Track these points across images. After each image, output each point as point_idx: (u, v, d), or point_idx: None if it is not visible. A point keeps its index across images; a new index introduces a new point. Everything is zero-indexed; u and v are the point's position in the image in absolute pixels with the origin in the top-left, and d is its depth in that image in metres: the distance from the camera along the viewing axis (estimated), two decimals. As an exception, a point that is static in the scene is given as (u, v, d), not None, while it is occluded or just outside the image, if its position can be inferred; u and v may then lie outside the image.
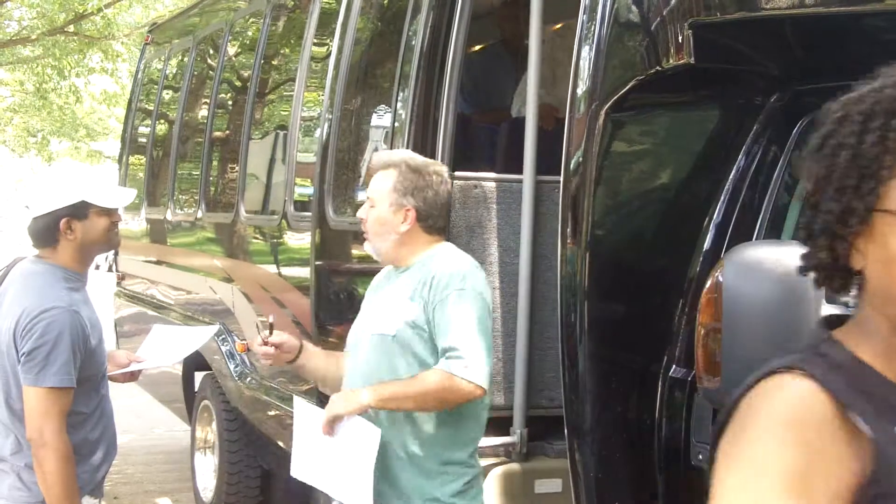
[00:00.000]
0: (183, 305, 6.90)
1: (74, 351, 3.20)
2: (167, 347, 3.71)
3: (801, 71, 2.82)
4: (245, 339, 5.43)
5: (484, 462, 3.82)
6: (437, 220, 3.21)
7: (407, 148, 3.91)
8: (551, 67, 4.64)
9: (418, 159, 3.27)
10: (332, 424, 3.10)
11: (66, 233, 3.31)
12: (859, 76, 2.73)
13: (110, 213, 3.38)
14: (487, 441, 3.82)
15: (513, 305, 3.88)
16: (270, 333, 3.28)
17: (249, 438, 5.65)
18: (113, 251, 4.84)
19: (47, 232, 3.33)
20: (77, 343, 3.21)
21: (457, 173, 3.87)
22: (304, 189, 5.03)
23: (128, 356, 3.60)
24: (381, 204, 3.21)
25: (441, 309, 3.03)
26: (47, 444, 3.14)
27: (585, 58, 2.81)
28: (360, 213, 3.29)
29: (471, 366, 2.97)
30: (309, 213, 4.78)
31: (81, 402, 3.31)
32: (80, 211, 3.32)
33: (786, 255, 1.99)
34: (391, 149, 4.11)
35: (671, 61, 2.72)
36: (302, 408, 3.29)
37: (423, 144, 3.93)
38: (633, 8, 2.82)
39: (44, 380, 3.15)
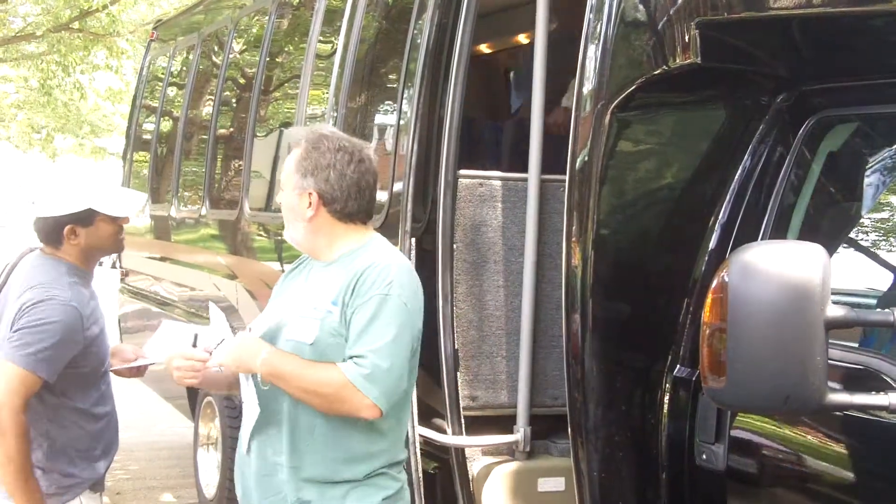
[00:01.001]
0: (186, 302, 6.91)
1: (64, 345, 3.19)
2: (174, 343, 3.72)
3: (807, 71, 2.81)
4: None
5: (487, 460, 3.83)
6: (347, 204, 2.84)
7: (412, 146, 3.90)
8: None
9: (326, 136, 2.89)
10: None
11: (70, 237, 3.31)
12: (866, 77, 2.74)
13: (117, 219, 3.38)
14: (491, 439, 3.83)
15: (517, 304, 3.88)
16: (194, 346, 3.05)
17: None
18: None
19: (52, 234, 3.33)
20: (69, 338, 3.20)
21: (462, 171, 3.87)
22: (309, 186, 5.02)
23: (134, 351, 3.60)
24: (286, 187, 2.90)
25: (359, 314, 2.72)
26: (2, 422, 3.11)
27: (591, 57, 2.81)
28: (277, 198, 3.01)
29: (373, 381, 2.68)
30: (313, 211, 4.77)
31: (79, 398, 3.31)
32: (86, 218, 3.30)
33: (792, 255, 1.99)
34: (395, 148, 4.10)
35: (677, 61, 2.72)
36: (216, 317, 3.06)
37: (429, 142, 3.93)
38: (640, 7, 2.82)
39: (19, 358, 3.14)
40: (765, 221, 2.76)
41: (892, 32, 2.56)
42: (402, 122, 4.07)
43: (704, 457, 2.65)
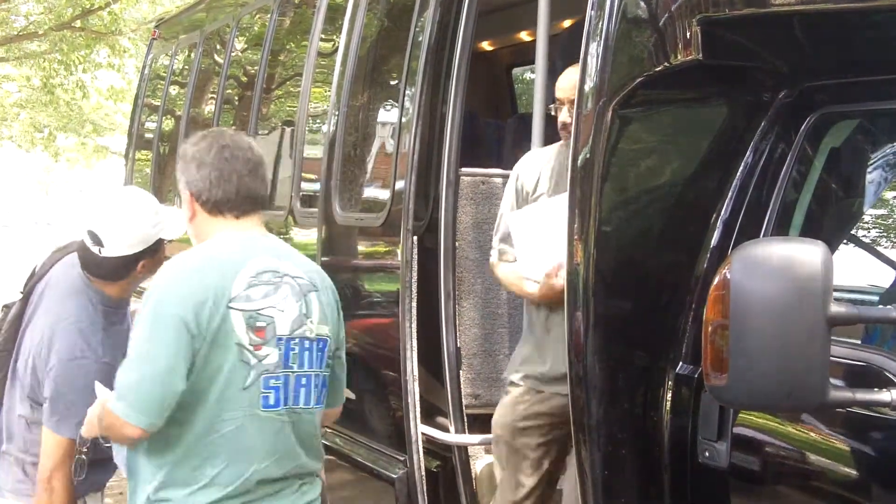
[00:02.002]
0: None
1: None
2: None
3: (809, 67, 2.81)
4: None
5: (490, 458, 3.83)
6: (212, 192, 2.68)
7: (414, 144, 3.90)
8: None
9: (196, 135, 2.80)
10: None
11: (140, 271, 3.24)
12: (868, 73, 2.73)
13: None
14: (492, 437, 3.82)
15: (519, 302, 3.88)
16: None
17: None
18: None
19: (121, 271, 3.20)
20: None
21: (463, 169, 3.87)
22: (311, 185, 5.03)
23: None
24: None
25: None
26: (54, 491, 3.13)
27: (593, 54, 2.80)
28: None
29: (121, 398, 2.56)
30: (315, 209, 4.78)
31: None
32: (156, 248, 3.23)
33: (794, 252, 1.98)
34: (397, 146, 4.10)
35: (679, 57, 2.71)
36: None
37: (430, 140, 3.93)
38: (642, 3, 2.81)
39: (62, 430, 3.13)
40: (767, 218, 2.75)
41: (893, 28, 2.55)
42: (403, 119, 4.07)
43: (707, 454, 2.64)
